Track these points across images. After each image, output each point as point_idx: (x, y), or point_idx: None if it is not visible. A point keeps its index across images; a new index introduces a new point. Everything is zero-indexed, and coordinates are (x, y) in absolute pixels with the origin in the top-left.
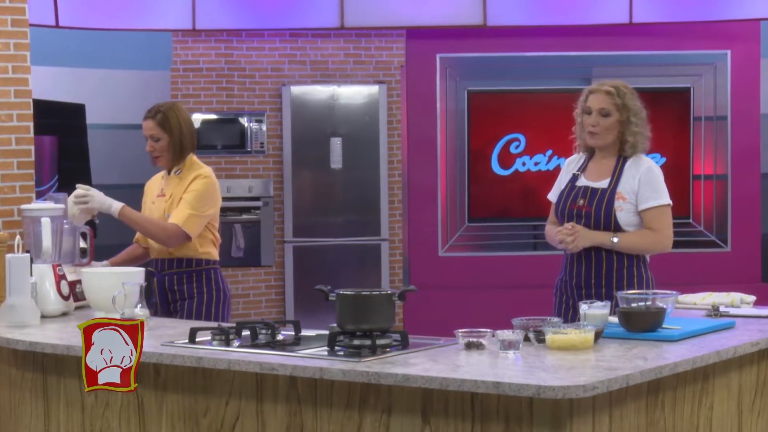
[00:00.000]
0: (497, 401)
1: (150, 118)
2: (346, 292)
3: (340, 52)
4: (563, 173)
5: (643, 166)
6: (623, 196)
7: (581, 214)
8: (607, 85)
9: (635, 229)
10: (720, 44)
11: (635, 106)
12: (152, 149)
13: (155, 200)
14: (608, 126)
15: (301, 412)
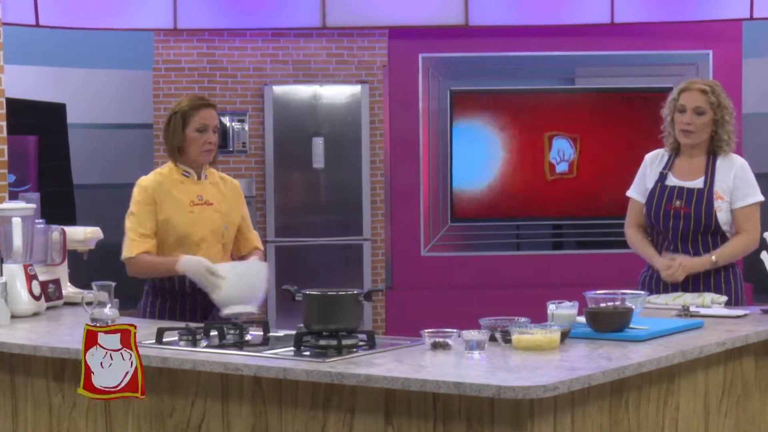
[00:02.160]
0: (459, 401)
1: (212, 107)
2: (312, 293)
3: (323, 51)
4: (646, 171)
5: (737, 163)
6: (721, 195)
7: (679, 215)
8: (702, 84)
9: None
10: (702, 44)
11: (729, 104)
12: (212, 142)
13: (193, 209)
14: (703, 124)
15: (266, 413)
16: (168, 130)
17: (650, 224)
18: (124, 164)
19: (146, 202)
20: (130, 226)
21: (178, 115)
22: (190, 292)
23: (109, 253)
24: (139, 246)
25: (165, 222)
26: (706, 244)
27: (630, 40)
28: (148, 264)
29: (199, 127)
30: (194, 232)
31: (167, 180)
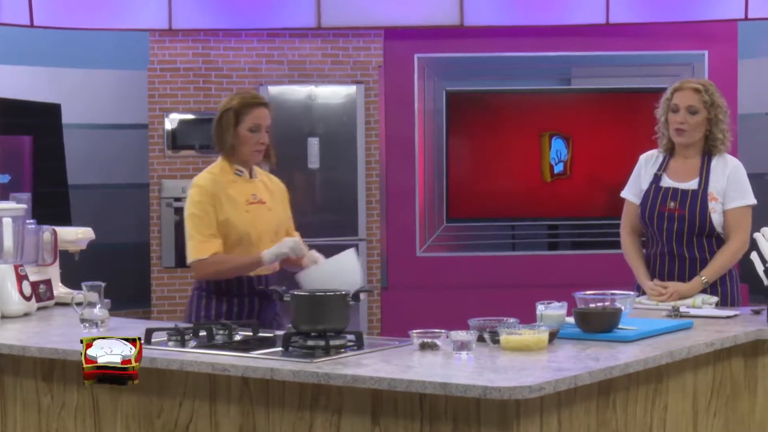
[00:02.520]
0: (445, 402)
1: (265, 106)
2: (300, 293)
3: (318, 52)
4: (640, 172)
5: (731, 164)
6: (715, 196)
7: (673, 217)
8: (695, 83)
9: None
10: (697, 45)
11: (723, 103)
12: (264, 143)
13: (249, 208)
14: (696, 123)
15: (253, 413)
16: (219, 127)
17: (644, 226)
18: (120, 164)
19: (208, 202)
20: (194, 228)
21: (230, 113)
22: (247, 293)
23: (103, 253)
24: (210, 247)
25: (225, 222)
26: (700, 246)
27: (626, 40)
28: (225, 263)
29: (252, 127)
30: (252, 231)
31: (222, 179)
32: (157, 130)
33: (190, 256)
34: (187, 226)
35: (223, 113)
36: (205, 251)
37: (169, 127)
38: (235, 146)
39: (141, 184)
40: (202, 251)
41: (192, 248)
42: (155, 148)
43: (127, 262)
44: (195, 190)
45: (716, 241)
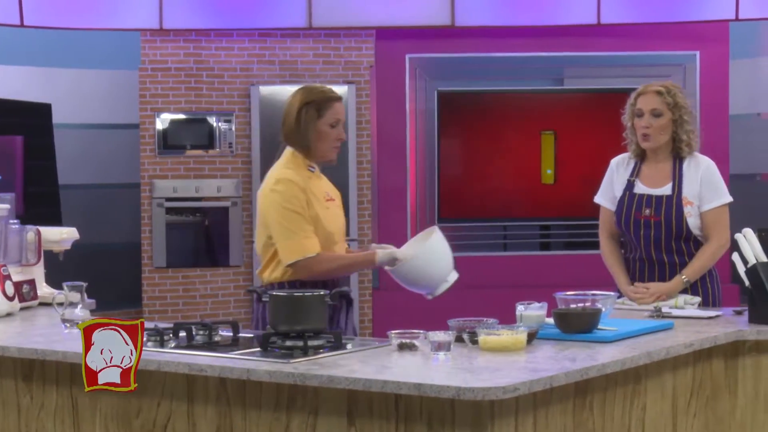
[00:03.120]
0: (420, 403)
1: (341, 101)
2: (279, 294)
3: (309, 52)
4: (613, 177)
5: (702, 165)
6: (690, 200)
7: (649, 223)
8: (657, 85)
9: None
10: (689, 45)
11: (686, 104)
12: (342, 138)
13: (329, 205)
14: (661, 126)
15: (230, 413)
16: (298, 121)
17: (621, 232)
18: (111, 164)
19: (303, 198)
20: (294, 224)
21: (311, 108)
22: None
23: (95, 253)
24: (316, 243)
25: (315, 219)
26: (679, 250)
27: (618, 41)
28: (336, 261)
29: (333, 122)
30: (333, 228)
31: (301, 174)
32: (148, 130)
33: (294, 254)
34: (282, 224)
35: (302, 108)
36: (313, 248)
37: (161, 127)
38: (313, 142)
39: (132, 183)
40: (309, 248)
41: (295, 246)
42: (146, 148)
43: (118, 262)
44: (285, 186)
45: (694, 244)
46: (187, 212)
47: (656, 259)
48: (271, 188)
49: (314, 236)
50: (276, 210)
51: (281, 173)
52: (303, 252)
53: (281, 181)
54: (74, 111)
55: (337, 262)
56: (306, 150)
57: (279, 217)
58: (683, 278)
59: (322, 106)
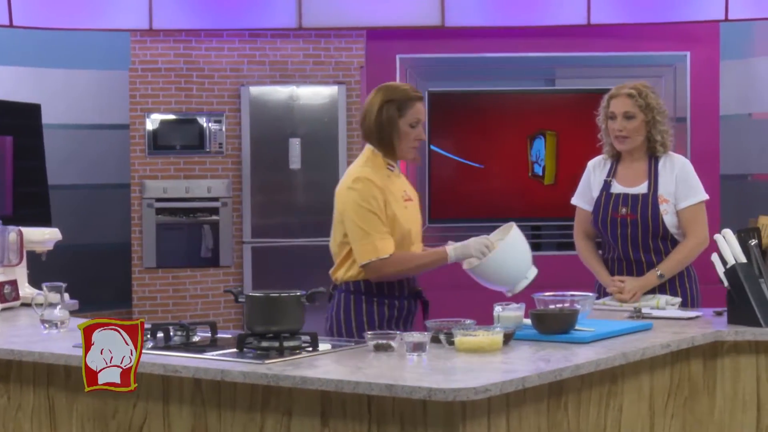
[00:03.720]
0: (392, 404)
1: (422, 100)
2: (254, 294)
3: (300, 52)
4: (589, 178)
5: (678, 164)
6: (665, 198)
7: (626, 222)
8: (628, 88)
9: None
10: (679, 46)
11: (658, 104)
12: (422, 139)
13: (407, 205)
14: (635, 128)
15: (205, 414)
16: (379, 119)
17: (598, 232)
18: (102, 165)
19: (381, 198)
20: (369, 224)
21: (392, 106)
22: (407, 296)
23: (85, 254)
24: (390, 244)
25: (393, 218)
26: (656, 249)
27: (609, 41)
28: (409, 262)
29: (413, 122)
30: (411, 228)
31: (380, 173)
32: (138, 130)
33: (367, 254)
34: (358, 223)
35: (383, 105)
36: (387, 249)
37: (151, 127)
38: (393, 141)
39: (122, 184)
40: (382, 250)
41: (369, 246)
42: (136, 148)
43: (108, 263)
44: (363, 185)
45: (671, 243)
46: (177, 213)
47: (633, 259)
48: (349, 186)
49: (389, 237)
50: (353, 209)
51: (360, 171)
52: (376, 253)
53: (360, 180)
54: (64, 111)
55: (408, 264)
56: (385, 149)
57: (355, 216)
58: (658, 273)
59: (403, 105)
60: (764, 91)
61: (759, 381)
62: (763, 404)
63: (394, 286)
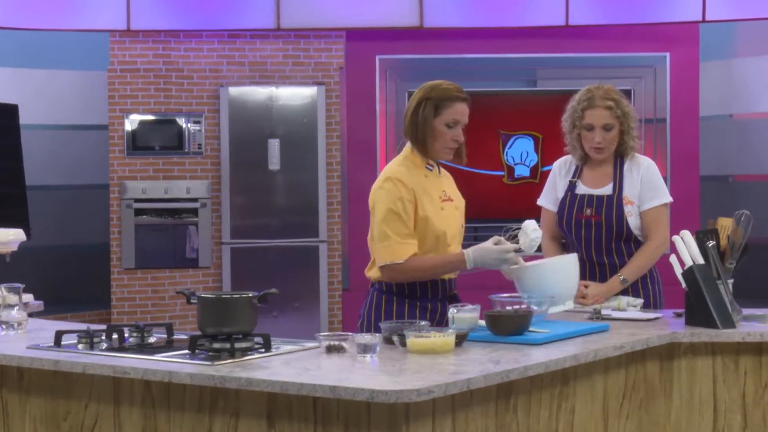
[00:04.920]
0: (337, 405)
1: (465, 101)
2: (206, 296)
3: (279, 53)
4: (555, 179)
5: (643, 166)
6: (630, 200)
7: (590, 224)
8: (602, 98)
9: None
10: (659, 47)
11: (631, 110)
12: (459, 140)
13: (444, 206)
14: (613, 138)
15: (155, 415)
16: (415, 117)
17: (562, 233)
18: (81, 166)
19: (408, 199)
20: (390, 226)
21: (429, 104)
22: (440, 297)
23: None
24: (408, 249)
25: (424, 219)
26: (619, 251)
27: (590, 42)
28: (424, 267)
29: (450, 122)
30: (448, 230)
31: (417, 172)
32: (117, 131)
33: (384, 257)
34: (380, 224)
35: (422, 102)
36: (403, 254)
37: (130, 128)
38: (427, 140)
39: (101, 185)
40: (399, 254)
41: (387, 249)
42: (115, 149)
43: (87, 264)
44: (392, 185)
45: (634, 245)
46: (156, 213)
47: (596, 261)
48: (380, 185)
49: (410, 241)
50: (379, 208)
51: (393, 171)
52: (392, 257)
53: (390, 180)
54: (43, 112)
55: (423, 269)
56: (420, 147)
57: (380, 216)
58: (621, 278)
59: (441, 104)
60: (745, 92)
61: (715, 382)
62: (719, 406)
63: (427, 287)
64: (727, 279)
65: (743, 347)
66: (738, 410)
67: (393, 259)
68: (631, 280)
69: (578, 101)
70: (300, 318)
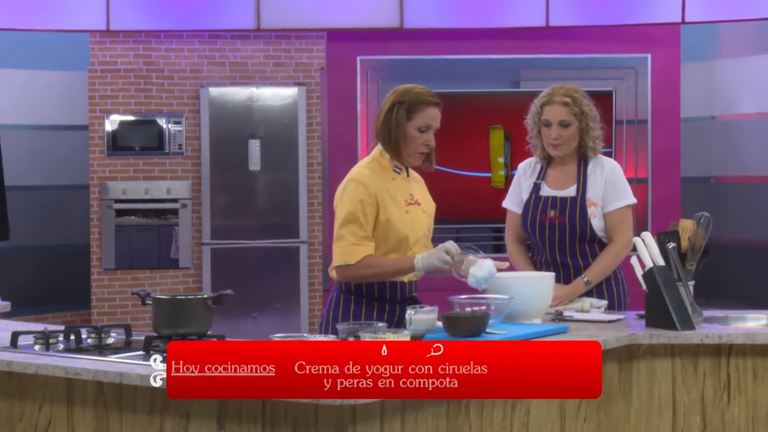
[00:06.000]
0: (285, 407)
1: (438, 105)
2: (161, 297)
3: (260, 53)
4: (520, 181)
5: (607, 168)
6: (594, 201)
7: (554, 226)
8: (561, 95)
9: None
10: (640, 48)
11: (591, 110)
12: (429, 145)
13: (408, 209)
14: (570, 135)
15: (107, 417)
16: (388, 120)
17: (527, 235)
18: (61, 166)
19: (369, 202)
20: (347, 228)
21: (402, 107)
22: (399, 300)
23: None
24: (361, 250)
25: (386, 223)
26: (583, 253)
27: (572, 43)
28: (375, 268)
29: (422, 127)
30: (411, 234)
31: (382, 175)
32: (97, 131)
33: (337, 258)
34: (338, 224)
35: (394, 106)
36: (355, 255)
37: (110, 128)
38: (399, 144)
39: (82, 185)
40: (351, 255)
41: (341, 251)
42: (96, 149)
43: (68, 264)
44: (353, 186)
45: (598, 246)
46: (136, 214)
47: (560, 262)
48: (344, 186)
49: (365, 242)
50: (340, 210)
51: (356, 173)
52: (344, 258)
53: (353, 182)
54: (23, 112)
55: (376, 270)
56: (391, 151)
57: (339, 217)
58: (584, 279)
59: (414, 109)
60: (728, 93)
61: (674, 384)
62: (678, 407)
63: (386, 288)
64: (688, 281)
65: (702, 349)
66: (697, 412)
67: (346, 260)
68: (595, 282)
69: (539, 98)
70: (280, 318)
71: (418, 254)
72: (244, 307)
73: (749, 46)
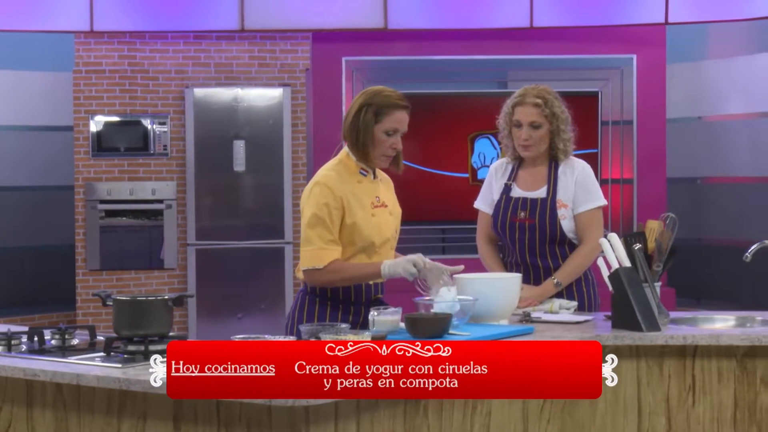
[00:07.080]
0: (240, 407)
1: (406, 109)
2: (121, 298)
3: (245, 54)
4: (492, 181)
5: (578, 169)
6: (564, 203)
7: (524, 227)
8: (532, 96)
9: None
10: (626, 48)
11: (562, 112)
12: (397, 148)
13: (374, 212)
14: (540, 137)
15: (66, 418)
16: (356, 122)
17: (497, 236)
18: (46, 167)
19: (335, 206)
20: (314, 232)
21: (370, 110)
22: (364, 302)
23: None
24: (329, 254)
25: (352, 226)
26: (553, 254)
27: (558, 44)
28: (342, 273)
29: (390, 130)
30: (377, 238)
31: (349, 178)
32: (82, 132)
33: (305, 262)
34: (305, 228)
35: (362, 108)
36: (323, 259)
37: (95, 129)
38: (366, 146)
39: (67, 186)
40: (319, 259)
41: (309, 255)
42: (81, 150)
43: (53, 265)
44: (318, 190)
45: (569, 248)
46: (121, 214)
47: (531, 264)
48: (309, 189)
49: (332, 246)
50: (305, 213)
51: (321, 176)
52: (312, 261)
53: (318, 185)
54: (7, 113)
55: (343, 275)
56: (358, 153)
57: (305, 221)
58: (554, 281)
59: (382, 111)
60: (715, 94)
61: (640, 385)
62: (644, 409)
63: (350, 290)
64: (654, 282)
65: (667, 350)
66: (662, 413)
67: (313, 264)
68: (565, 283)
69: (511, 98)
70: (265, 319)
71: (385, 260)
72: (230, 307)
73: (737, 46)
